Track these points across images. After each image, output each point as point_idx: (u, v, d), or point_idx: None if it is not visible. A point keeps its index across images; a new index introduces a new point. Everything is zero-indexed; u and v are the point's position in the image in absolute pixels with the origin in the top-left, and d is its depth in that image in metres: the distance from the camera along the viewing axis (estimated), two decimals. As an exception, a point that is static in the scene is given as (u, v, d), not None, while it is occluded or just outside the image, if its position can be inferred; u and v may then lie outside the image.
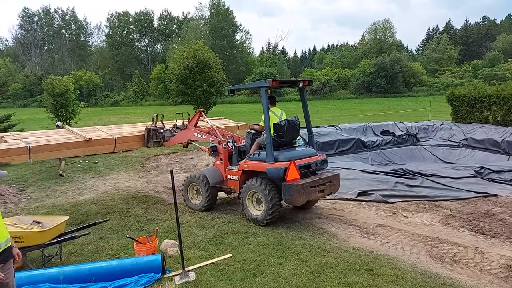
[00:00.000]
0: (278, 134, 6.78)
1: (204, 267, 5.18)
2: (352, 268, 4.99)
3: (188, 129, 8.49)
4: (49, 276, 4.64)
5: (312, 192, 6.47)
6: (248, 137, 7.42)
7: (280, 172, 6.31)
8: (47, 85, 23.67)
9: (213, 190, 7.58)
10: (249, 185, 6.77)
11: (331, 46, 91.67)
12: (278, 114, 7.15)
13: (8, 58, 67.81)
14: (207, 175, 7.56)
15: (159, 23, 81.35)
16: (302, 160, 6.72)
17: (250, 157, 6.99)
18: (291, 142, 7.16)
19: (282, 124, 6.79)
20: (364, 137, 17.25)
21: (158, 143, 8.97)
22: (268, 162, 6.52)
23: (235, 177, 7.20)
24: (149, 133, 8.86)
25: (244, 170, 6.98)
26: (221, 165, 7.61)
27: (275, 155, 6.53)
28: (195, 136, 8.30)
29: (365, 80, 57.96)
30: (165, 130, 8.95)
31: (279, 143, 6.81)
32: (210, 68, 26.97)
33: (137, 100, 57.53)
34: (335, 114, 35.07)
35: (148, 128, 8.88)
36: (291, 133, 6.99)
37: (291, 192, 6.24)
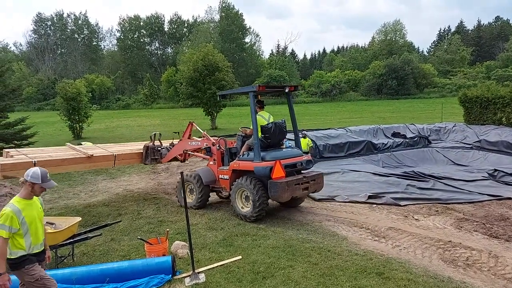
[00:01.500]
0: (266, 136, 7.23)
1: (214, 269, 5.19)
2: (362, 271, 4.95)
3: (183, 140, 8.90)
4: (62, 276, 4.70)
5: (296, 189, 6.90)
6: (238, 139, 7.89)
7: (266, 170, 6.77)
8: (60, 89, 24.09)
9: (206, 189, 8.02)
10: (238, 184, 7.20)
11: (341, 48, 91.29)
12: (266, 117, 7.52)
13: (23, 62, 69.20)
14: (200, 175, 7.97)
15: (170, 27, 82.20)
16: (288, 159, 7.18)
17: (240, 158, 7.40)
18: (278, 143, 7.63)
19: (269, 127, 7.24)
20: (375, 139, 17.12)
21: (156, 160, 9.40)
22: (256, 161, 6.94)
23: (226, 177, 7.64)
24: (147, 151, 9.32)
25: (234, 169, 7.41)
26: (214, 166, 8.05)
27: (262, 155, 6.97)
28: (190, 144, 8.72)
29: (376, 81, 57.56)
30: (162, 148, 9.40)
31: (267, 144, 7.26)
32: (220, 71, 27.08)
33: (148, 103, 58.14)
34: (345, 116, 34.89)
35: (146, 146, 9.35)
36: (278, 135, 7.45)
37: (276, 189, 6.67)
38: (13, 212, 3.52)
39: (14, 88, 19.01)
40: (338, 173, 11.17)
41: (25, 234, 3.60)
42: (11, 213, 3.51)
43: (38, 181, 3.65)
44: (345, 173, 11.17)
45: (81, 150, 8.77)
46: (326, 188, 9.42)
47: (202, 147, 8.45)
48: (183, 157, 9.28)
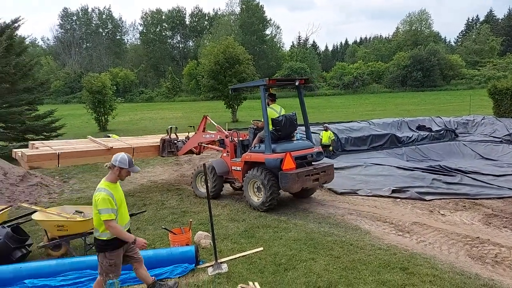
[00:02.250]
0: (276, 128, 7.39)
1: (236, 259, 5.26)
2: (386, 266, 4.89)
3: (197, 133, 9.16)
4: (90, 263, 4.88)
5: (306, 180, 7.08)
6: (250, 132, 8.04)
7: (276, 162, 6.94)
8: (86, 82, 24.71)
9: (219, 180, 8.24)
10: (250, 175, 7.42)
11: (363, 39, 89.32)
12: (277, 110, 7.65)
13: (50, 56, 71.36)
14: (214, 166, 8.18)
15: (191, 20, 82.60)
16: (298, 151, 7.31)
17: (252, 150, 7.60)
18: (289, 136, 7.75)
19: (280, 119, 7.37)
20: (399, 132, 16.78)
21: (172, 152, 9.69)
22: (267, 153, 7.11)
23: (238, 168, 7.84)
24: (163, 144, 9.61)
25: (246, 161, 7.62)
26: (227, 157, 8.27)
27: (273, 147, 7.14)
28: (204, 137, 8.98)
29: (400, 73, 56.10)
30: (178, 141, 9.65)
31: (277, 136, 7.42)
32: (241, 64, 27.08)
33: (170, 96, 58.90)
34: (368, 109, 34.25)
35: (163, 139, 9.63)
36: (289, 127, 7.57)
37: (287, 180, 6.86)
38: (107, 195, 3.74)
39: (42, 81, 19.64)
40: (361, 166, 11.01)
41: (116, 216, 3.82)
42: (106, 196, 3.72)
43: (125, 166, 3.86)
44: (367, 166, 11.01)
45: (101, 142, 9.10)
46: (349, 182, 9.35)
47: (216, 139, 8.67)
48: (198, 150, 9.49)
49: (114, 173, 3.87)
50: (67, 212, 5.73)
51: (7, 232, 5.30)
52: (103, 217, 3.70)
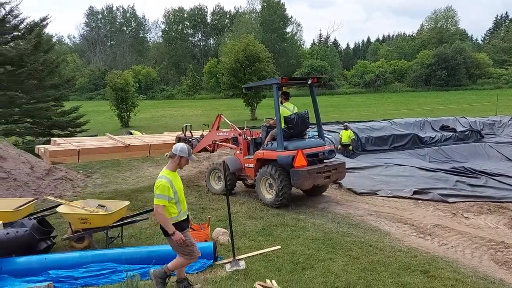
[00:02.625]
0: (289, 126, 7.50)
1: (254, 257, 5.28)
2: (406, 268, 4.80)
3: (212, 131, 9.36)
4: (112, 256, 5.01)
5: (318, 177, 7.21)
6: (263, 130, 8.17)
7: (288, 159, 7.06)
8: (109, 79, 25.25)
9: (232, 177, 8.34)
10: (263, 172, 7.54)
11: (386, 37, 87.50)
12: (290, 108, 7.74)
13: (76, 54, 73.35)
14: (228, 163, 8.26)
15: (212, 18, 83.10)
16: (310, 149, 7.40)
17: (264, 147, 7.76)
18: (301, 134, 7.85)
19: (292, 117, 7.49)
20: (422, 132, 16.41)
21: None
22: (279, 150, 7.23)
23: (251, 165, 7.96)
24: (179, 142, 9.65)
25: (259, 158, 7.75)
26: (240, 155, 8.40)
27: (285, 144, 7.26)
28: (218, 135, 9.14)
29: (424, 72, 54.71)
30: (193, 139, 9.85)
31: (290, 134, 7.53)
32: (261, 62, 27.07)
33: (191, 93, 59.50)
34: (389, 108, 33.61)
35: (178, 137, 9.89)
36: (301, 125, 7.68)
37: (298, 177, 6.98)
38: (168, 183, 3.99)
39: (68, 78, 20.24)
40: (381, 166, 10.84)
41: (176, 202, 4.10)
42: (167, 184, 3.97)
43: (185, 155, 4.12)
44: (388, 167, 10.82)
45: (119, 140, 9.43)
46: (369, 182, 9.22)
47: (230, 137, 8.84)
48: (212, 148, 9.62)
49: (174, 161, 4.13)
50: (90, 205, 5.90)
51: (33, 224, 5.50)
52: (156, 201, 3.93)
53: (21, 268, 4.85)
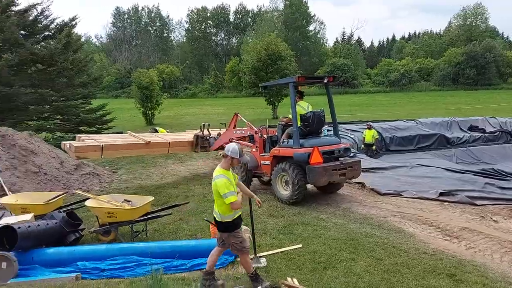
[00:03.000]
0: (305, 124, 7.65)
1: (275, 255, 5.29)
2: (431, 271, 4.69)
3: (229, 130, 9.65)
4: (137, 249, 5.15)
5: (333, 175, 7.30)
6: (279, 128, 8.32)
7: (304, 156, 7.18)
8: (135, 78, 25.80)
9: (249, 174, 8.46)
10: (279, 169, 7.66)
11: (412, 35, 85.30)
12: (305, 107, 7.93)
13: (103, 53, 75.36)
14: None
15: (235, 17, 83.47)
16: (326, 147, 7.53)
17: (280, 145, 7.90)
18: (317, 132, 7.96)
19: (308, 116, 7.64)
20: (449, 132, 15.96)
21: (204, 148, 10.24)
22: (295, 148, 7.36)
23: (267, 162, 8.13)
24: (197, 140, 10.18)
25: (275, 155, 7.91)
26: (256, 152, 8.53)
27: (301, 142, 7.40)
28: (235, 133, 9.36)
29: (451, 70, 52.99)
30: (210, 137, 10.15)
31: (306, 132, 7.66)
32: (283, 60, 26.98)
33: (213, 92, 60.01)
34: (415, 108, 32.79)
35: (196, 135, 10.23)
36: (317, 123, 7.78)
37: (314, 174, 7.11)
38: (227, 180, 4.14)
39: (96, 77, 20.87)
40: (406, 167, 10.61)
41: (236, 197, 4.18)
42: (227, 181, 4.13)
43: (237, 156, 4.25)
44: (413, 167, 10.58)
45: (140, 137, 9.79)
46: (393, 182, 9.05)
47: (246, 135, 9.07)
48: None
49: (227, 161, 4.28)
50: (117, 200, 6.06)
51: (63, 216, 5.72)
52: (228, 200, 4.07)
53: (51, 259, 5.05)
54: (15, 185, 8.42)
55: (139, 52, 77.93)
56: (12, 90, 14.38)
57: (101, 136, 10.28)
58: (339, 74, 54.48)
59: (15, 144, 9.53)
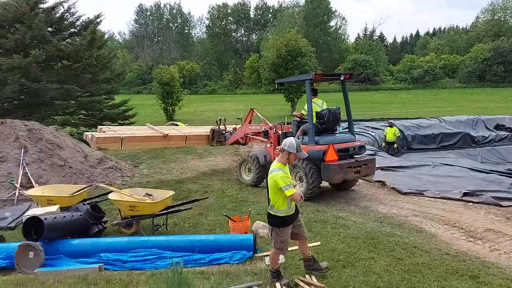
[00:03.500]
0: (320, 121, 7.64)
1: (293, 251, 5.27)
2: (454, 273, 4.58)
3: (244, 125, 9.75)
4: (157, 242, 5.25)
5: (348, 172, 7.32)
6: (294, 125, 8.31)
7: (320, 153, 7.19)
8: (156, 74, 26.20)
9: (262, 169, 8.41)
10: (293, 165, 7.44)
11: (437, 30, 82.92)
12: (320, 104, 7.94)
13: (126, 50, 76.79)
14: (258, 155, 8.63)
15: (255, 13, 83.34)
16: (341, 144, 7.49)
17: None
18: (332, 129, 7.95)
19: (323, 113, 7.63)
20: (474, 131, 15.49)
21: (220, 142, 10.34)
22: (310, 145, 7.30)
23: None
24: (213, 134, 10.31)
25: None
26: (270, 148, 8.59)
27: (316, 139, 7.41)
28: (250, 128, 9.48)
29: (478, 67, 51.26)
30: (226, 132, 10.27)
31: (321, 129, 7.67)
32: (303, 56, 26.79)
33: (232, 88, 60.25)
34: (439, 105, 31.95)
35: (212, 129, 10.39)
36: (332, 121, 7.77)
37: (329, 171, 7.14)
38: (285, 173, 4.13)
39: (119, 73, 21.32)
40: (429, 166, 10.37)
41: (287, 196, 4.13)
42: (285, 175, 4.11)
43: (294, 151, 4.15)
44: (436, 166, 10.33)
45: (158, 129, 10.02)
46: (414, 181, 8.87)
47: (261, 131, 9.15)
48: (244, 140, 9.93)
49: (283, 156, 4.21)
50: (138, 194, 6.21)
51: (87, 209, 5.89)
52: (287, 193, 4.04)
53: (76, 250, 5.22)
54: (42, 178, 8.73)
55: (161, 48, 78.93)
56: (40, 86, 14.88)
57: (122, 128, 10.70)
58: (360, 70, 53.71)
59: (42, 138, 9.87)
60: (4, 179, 8.36)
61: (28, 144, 9.36)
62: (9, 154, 8.94)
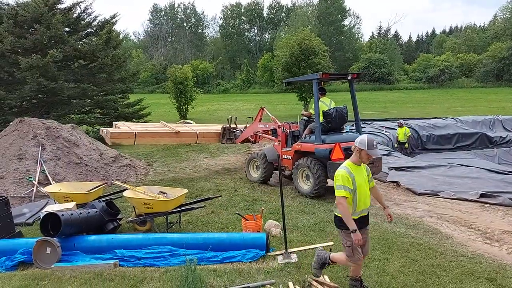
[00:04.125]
0: (327, 121, 7.73)
1: (306, 251, 5.27)
2: (470, 275, 4.50)
3: (254, 123, 9.90)
4: (171, 239, 5.31)
5: None
6: (301, 123, 8.47)
7: (326, 152, 7.30)
8: (170, 74, 26.41)
9: (269, 166, 8.81)
10: (300, 163, 7.85)
11: (454, 28, 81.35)
12: (327, 103, 8.02)
13: (140, 49, 77.67)
14: (266, 153, 8.80)
15: (268, 12, 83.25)
16: (347, 143, 7.37)
17: (302, 140, 8.06)
18: (339, 128, 8.03)
19: (330, 112, 7.71)
20: (491, 131, 15.16)
21: (231, 140, 10.49)
22: (317, 143, 7.49)
23: (289, 157, 8.33)
24: (224, 132, 10.50)
25: (296, 150, 8.08)
26: (278, 146, 8.77)
27: (323, 138, 7.51)
28: (260, 126, 9.60)
29: (495, 66, 50.09)
30: (237, 130, 10.42)
31: (328, 128, 7.76)
32: (316, 55, 26.60)
33: (245, 88, 60.32)
34: (455, 105, 31.34)
35: (223, 127, 10.59)
36: (339, 120, 7.84)
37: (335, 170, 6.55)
38: (348, 174, 3.77)
39: (133, 72, 21.59)
40: (444, 166, 10.19)
41: (352, 197, 3.80)
42: (346, 174, 3.76)
43: (364, 148, 3.76)
44: (452, 167, 10.15)
45: (171, 126, 10.22)
46: (429, 182, 8.74)
47: (269, 129, 9.27)
48: (254, 139, 10.04)
49: (355, 154, 3.86)
50: (153, 192, 6.28)
51: (103, 206, 6.00)
52: (336, 192, 3.74)
53: (92, 246, 5.31)
54: (59, 175, 8.92)
55: (174, 48, 79.55)
56: (57, 85, 15.18)
57: (136, 124, 10.87)
58: (374, 69, 53.10)
59: (59, 136, 10.08)
60: (22, 176, 8.58)
61: (45, 142, 9.58)
62: (28, 152, 9.16)
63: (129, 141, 9.49)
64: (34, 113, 14.82)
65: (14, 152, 9.17)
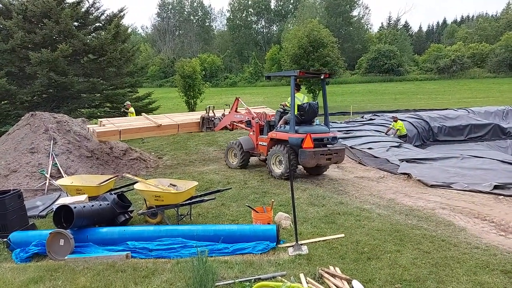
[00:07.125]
0: (300, 113, 8.63)
1: (316, 243, 5.25)
2: (484, 267, 4.44)
3: (230, 113, 10.58)
4: (182, 231, 5.33)
5: (321, 159, 8.35)
6: (277, 114, 9.35)
7: (298, 140, 8.24)
8: (178, 67, 26.42)
9: (246, 154, 9.81)
10: (274, 150, 8.79)
11: (465, 18, 79.74)
12: (301, 98, 8.99)
13: (148, 43, 77.83)
14: (242, 142, 9.76)
15: (276, 4, 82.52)
16: (317, 134, 8.43)
17: (277, 129, 8.95)
18: (310, 121, 8.84)
19: (304, 106, 8.61)
20: (504, 122, 14.89)
21: (210, 128, 11.08)
22: (291, 133, 8.42)
23: (264, 143, 9.28)
24: (203, 121, 10.93)
25: (272, 138, 9.00)
26: (253, 136, 9.75)
27: (296, 128, 8.42)
28: (235, 117, 10.36)
29: (508, 56, 49.06)
30: (215, 118, 10.95)
31: (301, 120, 8.62)
32: (325, 47, 26.35)
33: (252, 81, 60.15)
34: (466, 96, 30.84)
35: (202, 116, 11.03)
36: (311, 114, 8.71)
37: (305, 156, 8.17)
38: None
39: (142, 66, 21.66)
40: (456, 158, 10.04)
41: None
42: None
43: None
44: (464, 158, 9.99)
45: (153, 120, 10.62)
46: (441, 174, 8.63)
47: (244, 120, 10.01)
48: (231, 127, 10.67)
49: None
50: (163, 184, 6.31)
51: (114, 198, 6.03)
52: None
53: (104, 238, 5.36)
54: (70, 168, 9.02)
55: (182, 42, 79.53)
56: (67, 79, 15.32)
57: (119, 120, 11.12)
58: (383, 61, 52.45)
59: (70, 130, 10.17)
60: (35, 170, 8.69)
61: (57, 135, 9.68)
62: (40, 146, 9.27)
63: (115, 138, 9.84)
64: (45, 108, 15.00)
65: (27, 146, 9.29)
